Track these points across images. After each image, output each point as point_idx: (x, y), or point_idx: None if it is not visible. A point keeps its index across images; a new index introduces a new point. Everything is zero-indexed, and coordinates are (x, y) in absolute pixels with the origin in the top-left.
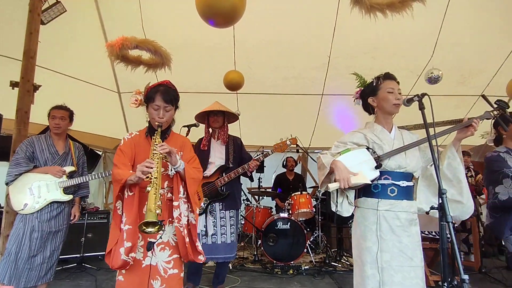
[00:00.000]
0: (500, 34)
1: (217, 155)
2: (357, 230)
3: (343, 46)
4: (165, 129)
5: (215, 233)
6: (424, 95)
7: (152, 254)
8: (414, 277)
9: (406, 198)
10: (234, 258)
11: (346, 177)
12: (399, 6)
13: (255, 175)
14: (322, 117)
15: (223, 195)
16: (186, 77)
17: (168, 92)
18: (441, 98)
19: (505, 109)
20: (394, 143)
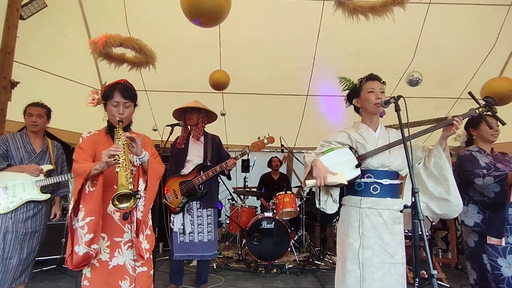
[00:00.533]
0: (476, 39)
1: (195, 153)
2: (341, 227)
3: (328, 48)
4: (125, 126)
5: (192, 231)
6: (399, 97)
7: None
8: (394, 273)
9: (390, 196)
10: (213, 257)
11: (323, 175)
12: (381, 10)
13: (241, 175)
14: (307, 118)
15: (201, 193)
16: (172, 76)
17: (127, 89)
18: (422, 100)
19: (491, 106)
20: (378, 142)
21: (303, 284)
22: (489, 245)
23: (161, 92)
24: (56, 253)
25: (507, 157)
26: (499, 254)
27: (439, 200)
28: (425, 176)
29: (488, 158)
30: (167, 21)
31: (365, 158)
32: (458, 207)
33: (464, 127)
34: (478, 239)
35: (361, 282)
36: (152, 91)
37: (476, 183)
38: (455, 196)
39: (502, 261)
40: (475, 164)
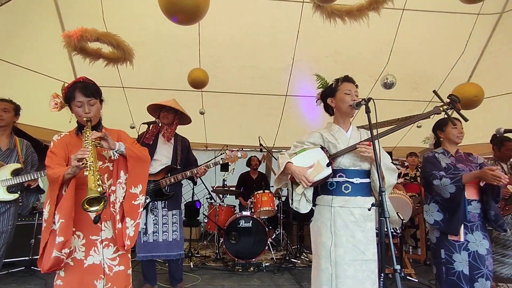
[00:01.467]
0: (447, 45)
1: (163, 153)
2: (315, 226)
3: (307, 49)
4: (95, 124)
5: (156, 231)
6: (369, 100)
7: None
8: (365, 270)
9: (361, 194)
10: (178, 256)
11: (303, 175)
12: (357, 14)
13: (220, 174)
14: (286, 117)
15: (168, 195)
16: (150, 73)
17: (87, 86)
18: (397, 103)
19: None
20: (349, 142)
21: (279, 282)
22: (448, 241)
23: (139, 89)
24: (24, 254)
25: (471, 157)
26: (455, 250)
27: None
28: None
29: (450, 159)
30: (146, 17)
31: (336, 157)
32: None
33: (432, 129)
34: (439, 235)
35: (335, 279)
36: (130, 88)
37: (434, 184)
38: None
39: (456, 256)
40: (435, 165)
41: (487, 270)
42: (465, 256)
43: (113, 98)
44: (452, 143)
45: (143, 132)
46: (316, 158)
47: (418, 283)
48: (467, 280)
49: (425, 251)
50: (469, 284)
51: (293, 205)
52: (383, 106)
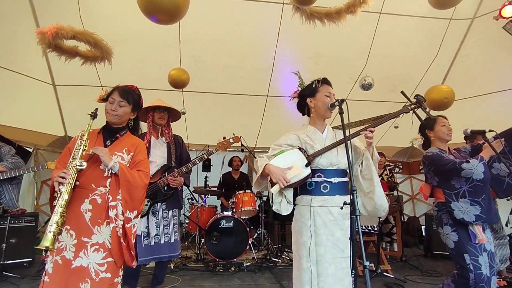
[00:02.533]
0: (421, 48)
1: (158, 153)
2: (295, 226)
3: (288, 50)
4: (118, 128)
5: (158, 233)
6: (343, 101)
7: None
8: (345, 267)
9: (339, 193)
10: (179, 256)
11: (281, 176)
12: (336, 16)
13: (202, 174)
14: (267, 118)
15: (167, 195)
16: (129, 72)
17: (128, 90)
18: (376, 103)
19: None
20: (325, 143)
21: (259, 281)
22: (469, 244)
23: None
24: None
25: (461, 152)
26: (479, 252)
27: (368, 198)
28: (361, 178)
29: (450, 157)
30: (125, 15)
31: (314, 158)
32: (383, 206)
33: (418, 130)
34: (457, 239)
35: (316, 278)
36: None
37: (464, 168)
38: (379, 196)
39: (481, 259)
40: (448, 158)
41: (495, 266)
42: (486, 258)
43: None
44: (443, 141)
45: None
46: (294, 159)
47: (394, 278)
48: (489, 282)
49: (401, 247)
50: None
51: (274, 207)
52: (362, 107)
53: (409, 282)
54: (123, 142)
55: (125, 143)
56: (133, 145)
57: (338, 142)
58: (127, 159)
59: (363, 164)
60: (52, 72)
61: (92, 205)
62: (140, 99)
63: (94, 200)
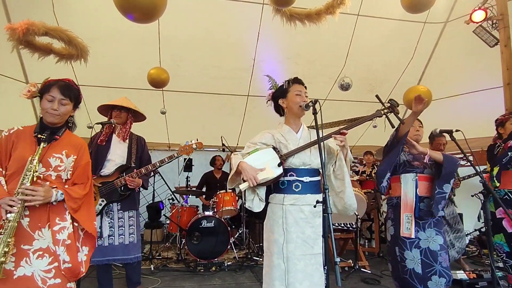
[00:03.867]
0: (398, 50)
1: (117, 152)
2: (267, 224)
3: (268, 50)
4: (56, 127)
5: (112, 234)
6: (316, 101)
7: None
8: (314, 263)
9: (310, 192)
10: (135, 259)
11: (253, 175)
12: (316, 18)
13: (183, 174)
14: (248, 117)
15: (124, 195)
16: (107, 71)
17: (68, 86)
18: (356, 104)
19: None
20: (299, 142)
21: (240, 280)
22: (400, 238)
23: (97, 88)
24: None
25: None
26: (406, 247)
27: (340, 198)
28: (333, 177)
29: (409, 156)
30: (102, 11)
31: (287, 157)
32: (352, 206)
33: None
34: (393, 232)
35: (286, 274)
36: (87, 86)
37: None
38: (348, 197)
39: (407, 254)
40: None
41: (440, 266)
42: (416, 254)
43: None
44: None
45: (97, 133)
46: (267, 158)
47: (371, 274)
48: (419, 278)
49: (378, 244)
50: (422, 283)
51: (246, 204)
52: (341, 107)
53: (385, 277)
54: (62, 142)
55: (65, 144)
56: (76, 147)
57: (311, 143)
58: (66, 162)
59: (336, 164)
60: (25, 70)
61: (29, 209)
62: (80, 94)
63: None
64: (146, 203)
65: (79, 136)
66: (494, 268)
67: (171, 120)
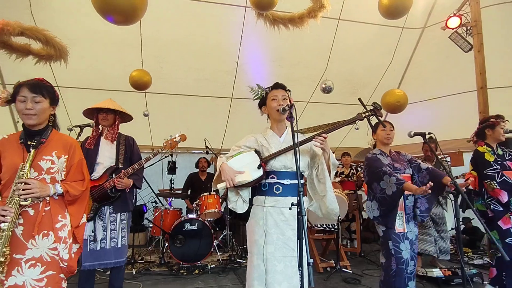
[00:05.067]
0: (379, 54)
1: (106, 154)
2: (249, 226)
3: (252, 53)
4: (40, 129)
5: (104, 238)
6: (292, 105)
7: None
8: (294, 265)
9: (291, 195)
10: (124, 262)
11: (231, 177)
12: (299, 21)
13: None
14: (232, 120)
15: (114, 197)
16: (88, 72)
17: (38, 84)
18: (337, 106)
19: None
20: (282, 146)
21: (223, 282)
22: (393, 232)
23: (78, 89)
24: None
25: (401, 155)
26: (401, 240)
27: (323, 202)
28: (316, 181)
29: (388, 159)
30: (82, 12)
31: (268, 160)
32: (334, 210)
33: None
34: (385, 228)
35: (265, 275)
36: (67, 88)
37: (383, 179)
38: (330, 200)
39: (402, 245)
40: (381, 163)
41: (413, 252)
42: (408, 245)
43: None
44: (384, 144)
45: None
46: (249, 161)
47: (352, 274)
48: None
49: (360, 244)
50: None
51: (230, 205)
52: (324, 109)
53: (365, 276)
54: (51, 143)
55: (54, 145)
56: (65, 147)
57: (290, 147)
58: (58, 163)
59: (318, 168)
60: (1, 71)
61: (23, 218)
62: (55, 91)
63: (26, 212)
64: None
65: None
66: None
67: (154, 123)
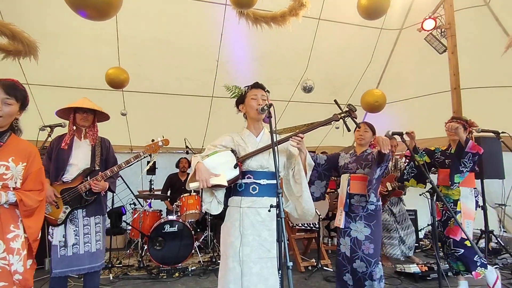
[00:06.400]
0: (358, 55)
1: (80, 156)
2: (225, 227)
3: (232, 52)
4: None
5: (76, 242)
6: (271, 105)
7: None
8: (270, 266)
9: (267, 195)
10: (101, 267)
11: (205, 178)
12: (281, 20)
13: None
14: (213, 119)
15: (89, 200)
16: (61, 69)
17: (13, 86)
18: (318, 105)
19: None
20: (259, 146)
21: (204, 284)
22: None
23: (50, 87)
24: None
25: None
26: (341, 235)
27: (299, 203)
28: (292, 182)
29: (351, 158)
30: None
31: (244, 160)
32: (310, 211)
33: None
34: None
35: (241, 277)
36: (38, 86)
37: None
38: (306, 201)
39: (341, 240)
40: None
41: (362, 253)
42: (347, 241)
43: None
44: (358, 144)
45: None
46: (224, 160)
47: (333, 271)
48: (348, 260)
49: None
50: (349, 264)
51: (204, 206)
52: (305, 109)
53: None
54: (8, 149)
55: (11, 150)
56: (24, 154)
57: (268, 146)
58: (14, 170)
59: (295, 168)
60: None
61: None
62: (27, 95)
63: None
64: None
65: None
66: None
67: (132, 122)
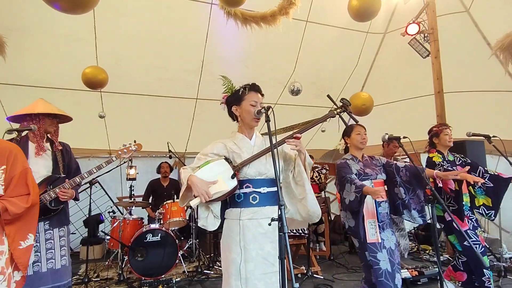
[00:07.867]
0: (344, 58)
1: (40, 163)
2: (224, 242)
3: (218, 52)
4: None
5: (38, 260)
6: (269, 108)
7: None
8: (275, 281)
9: (269, 204)
10: (68, 285)
11: (204, 190)
12: (271, 20)
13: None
14: (198, 121)
15: (55, 210)
16: (32, 68)
17: None
18: (304, 108)
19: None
20: (254, 150)
21: None
22: (369, 243)
23: (20, 87)
24: None
25: (374, 160)
26: (377, 249)
27: (303, 205)
28: (293, 184)
29: (359, 164)
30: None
31: (241, 168)
32: (316, 213)
33: (341, 136)
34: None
35: None
36: (6, 85)
37: (345, 188)
38: (311, 203)
39: (380, 255)
40: (349, 170)
41: (397, 263)
42: (385, 254)
43: None
44: (357, 149)
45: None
46: (220, 170)
47: (323, 279)
48: (391, 276)
49: (329, 247)
50: (392, 281)
51: (200, 223)
52: (290, 111)
53: (336, 281)
54: None
55: None
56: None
57: (265, 151)
58: None
59: (295, 170)
60: None
61: None
62: None
63: None
64: (83, 216)
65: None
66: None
67: (111, 125)
